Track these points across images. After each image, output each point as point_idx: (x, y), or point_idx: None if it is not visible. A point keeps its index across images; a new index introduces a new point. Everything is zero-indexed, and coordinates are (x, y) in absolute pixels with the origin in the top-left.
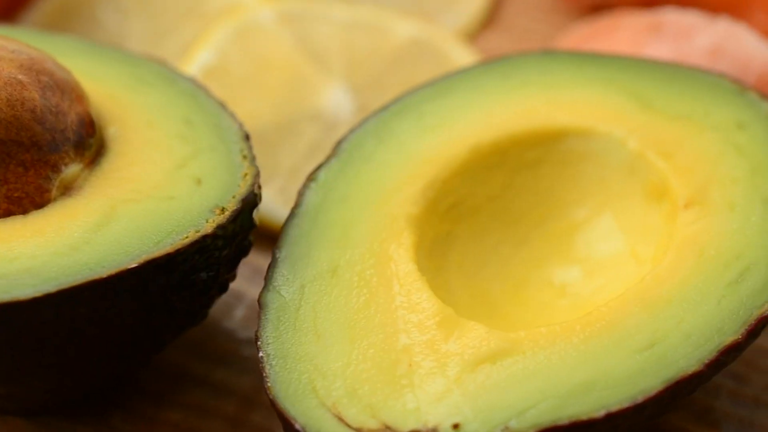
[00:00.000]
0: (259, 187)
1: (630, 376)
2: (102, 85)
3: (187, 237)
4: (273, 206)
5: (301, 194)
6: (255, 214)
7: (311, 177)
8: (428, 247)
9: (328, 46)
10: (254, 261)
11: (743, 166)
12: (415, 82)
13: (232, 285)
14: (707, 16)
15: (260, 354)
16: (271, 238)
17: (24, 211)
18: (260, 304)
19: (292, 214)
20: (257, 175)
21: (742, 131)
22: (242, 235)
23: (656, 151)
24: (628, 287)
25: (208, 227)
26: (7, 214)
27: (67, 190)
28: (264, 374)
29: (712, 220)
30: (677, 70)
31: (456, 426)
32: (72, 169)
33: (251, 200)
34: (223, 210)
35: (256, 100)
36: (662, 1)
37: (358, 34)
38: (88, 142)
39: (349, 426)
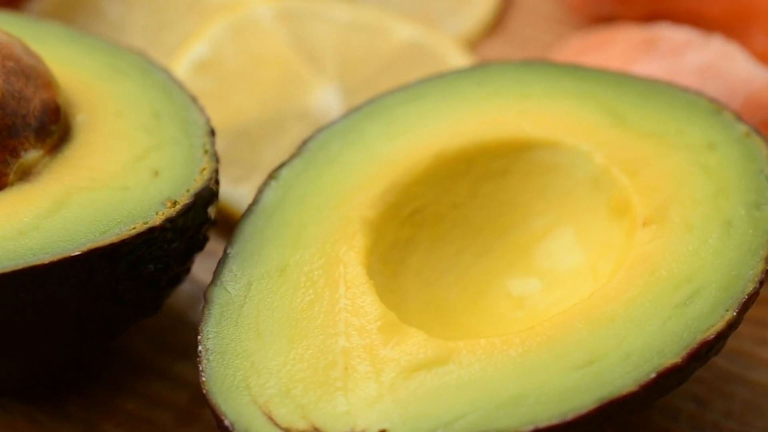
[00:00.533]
0: (217, 183)
1: (563, 392)
2: (77, 73)
3: (134, 228)
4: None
5: (260, 191)
6: (211, 210)
7: (272, 175)
8: (385, 251)
9: (324, 45)
10: None
11: (708, 188)
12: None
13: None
14: (702, 34)
15: (199, 348)
16: None
17: None
18: (206, 298)
19: (249, 210)
20: (216, 170)
21: (713, 152)
22: (195, 229)
23: (621, 167)
24: (575, 303)
25: (156, 219)
26: None
27: (25, 175)
28: (200, 368)
29: (668, 240)
30: (655, 87)
31: None
32: (31, 155)
33: (206, 195)
34: (174, 203)
35: (246, 96)
36: (665, 16)
37: (355, 35)
38: (51, 128)
39: (277, 425)
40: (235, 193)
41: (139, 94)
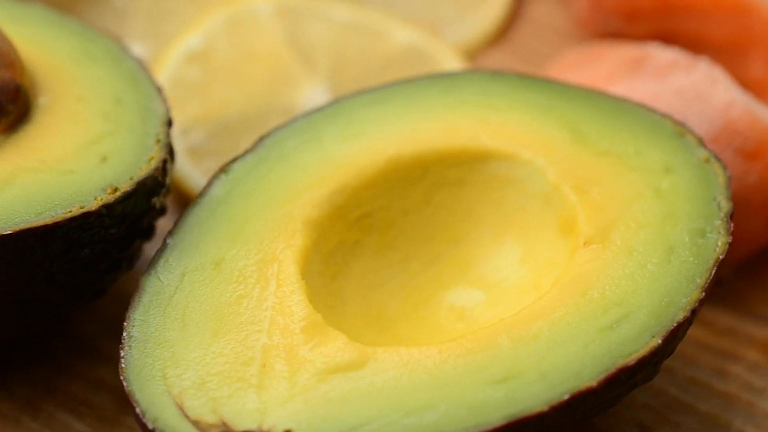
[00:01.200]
0: (165, 174)
1: (474, 406)
2: (47, 56)
3: (70, 212)
4: None
5: (209, 184)
6: (157, 200)
7: (223, 168)
8: (328, 252)
9: (319, 44)
10: None
11: (656, 211)
12: None
13: None
14: (690, 55)
15: (123, 334)
16: None
17: None
18: (139, 286)
19: (194, 202)
20: (165, 161)
21: (668, 175)
22: (135, 217)
23: (573, 184)
24: (502, 318)
25: (93, 205)
26: None
27: None
28: (121, 355)
29: (606, 262)
30: (621, 106)
31: None
32: None
33: (150, 184)
34: (115, 190)
35: (232, 89)
36: (669, 36)
37: (353, 36)
38: (8, 108)
39: (187, 417)
40: None
41: (105, 80)
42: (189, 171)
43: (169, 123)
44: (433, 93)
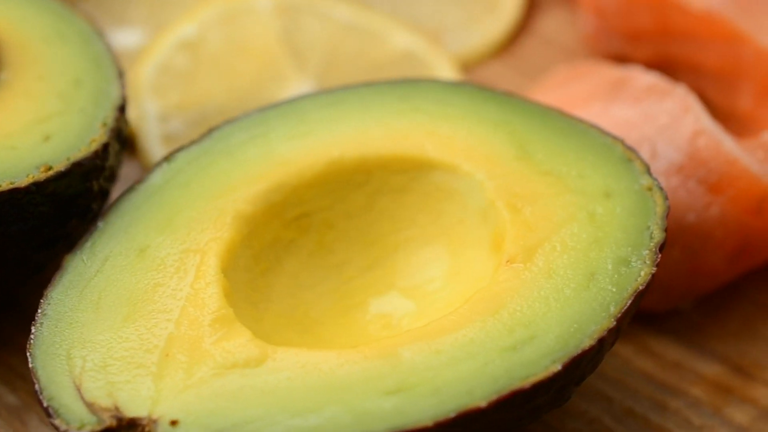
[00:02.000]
0: (106, 158)
1: (361, 415)
2: (19, 33)
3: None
4: None
5: (151, 170)
6: (98, 183)
7: (167, 156)
8: (261, 248)
9: (314, 42)
10: None
11: (585, 236)
12: None
13: None
14: (668, 80)
15: (38, 311)
16: None
17: None
18: (62, 265)
19: (131, 188)
20: (107, 145)
21: (606, 200)
22: (70, 197)
23: (508, 201)
24: (410, 330)
25: (23, 182)
26: None
27: None
28: (32, 331)
29: (524, 282)
30: (574, 126)
31: (173, 423)
32: None
33: (87, 166)
34: (48, 168)
35: (218, 81)
36: (669, 61)
37: (350, 37)
38: None
39: (82, 398)
40: None
41: (69, 61)
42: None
43: (122, 108)
44: (388, 99)
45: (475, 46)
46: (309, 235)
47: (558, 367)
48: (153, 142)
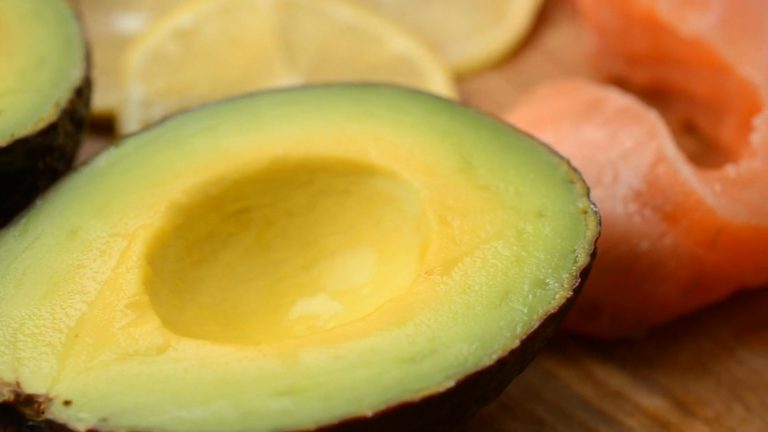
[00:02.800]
0: (54, 138)
1: (245, 413)
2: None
3: None
4: None
5: (97, 154)
6: (43, 162)
7: (116, 141)
8: (194, 239)
9: (308, 41)
10: None
11: (509, 254)
12: None
13: None
14: (642, 105)
15: None
16: None
17: None
18: None
19: (75, 169)
20: (56, 125)
21: (538, 220)
22: (12, 174)
23: (438, 213)
24: (315, 333)
25: None
26: None
27: None
28: None
29: (437, 296)
30: (522, 142)
31: (67, 403)
32: None
33: (32, 144)
34: None
35: (206, 72)
36: (662, 87)
37: (346, 38)
38: None
39: None
40: None
41: (39, 40)
42: None
43: (80, 91)
44: (343, 101)
45: (476, 57)
46: (248, 230)
47: (451, 383)
48: (132, 127)
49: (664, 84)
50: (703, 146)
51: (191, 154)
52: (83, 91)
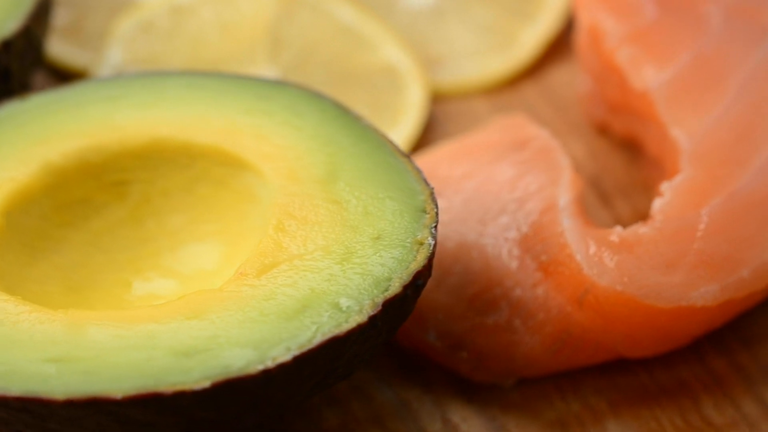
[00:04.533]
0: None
1: (8, 372)
2: None
3: None
4: None
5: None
6: None
7: (22, 95)
8: (65, 202)
9: (296, 36)
10: None
11: (322, 273)
12: (349, 104)
13: None
14: (561, 151)
15: None
16: None
17: None
18: None
19: None
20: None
21: (373, 243)
22: None
23: (279, 219)
24: (114, 310)
25: None
26: None
27: None
28: None
29: (237, 297)
30: (396, 164)
31: None
32: None
33: None
34: None
35: (187, 50)
36: (636, 139)
37: (338, 39)
38: None
39: None
40: None
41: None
42: None
43: (8, 45)
44: (246, 95)
45: (471, 79)
46: (124, 202)
47: (207, 383)
48: None
49: (635, 132)
50: None
51: (81, 120)
52: (11, 47)
